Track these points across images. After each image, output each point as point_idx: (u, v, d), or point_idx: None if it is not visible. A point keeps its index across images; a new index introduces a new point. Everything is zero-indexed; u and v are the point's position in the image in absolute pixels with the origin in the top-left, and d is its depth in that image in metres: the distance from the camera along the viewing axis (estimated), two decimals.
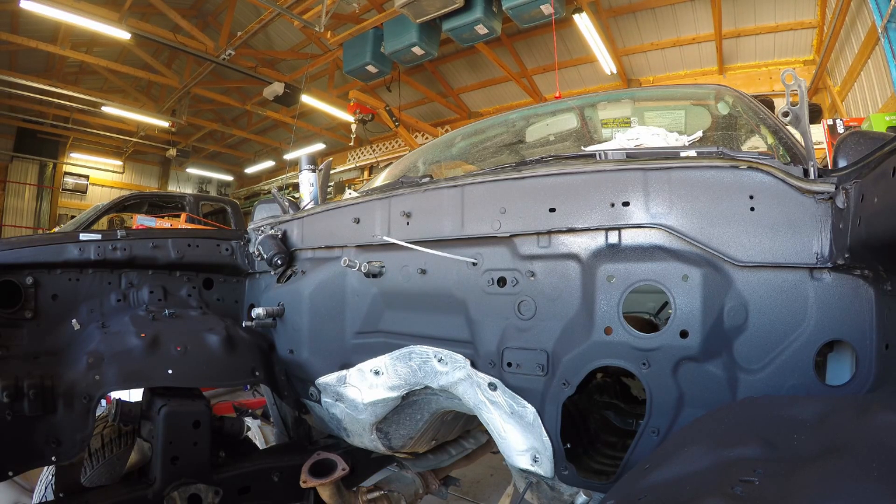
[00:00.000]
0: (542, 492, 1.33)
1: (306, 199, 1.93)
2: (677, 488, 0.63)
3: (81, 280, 1.54)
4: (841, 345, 1.02)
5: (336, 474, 1.56)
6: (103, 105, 10.52)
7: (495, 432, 1.31)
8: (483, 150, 2.42)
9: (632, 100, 2.53)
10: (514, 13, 5.76)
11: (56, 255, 1.49)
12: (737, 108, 1.95)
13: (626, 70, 8.40)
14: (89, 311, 1.54)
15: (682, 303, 1.03)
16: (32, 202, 13.98)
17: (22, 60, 9.76)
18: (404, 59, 6.94)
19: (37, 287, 1.45)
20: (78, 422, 1.32)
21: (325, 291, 1.59)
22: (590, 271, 1.13)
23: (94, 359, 1.39)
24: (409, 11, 5.83)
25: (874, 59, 5.07)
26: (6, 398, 1.22)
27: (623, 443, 1.70)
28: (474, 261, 1.29)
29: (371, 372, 1.49)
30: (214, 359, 1.57)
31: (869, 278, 0.92)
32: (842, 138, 1.17)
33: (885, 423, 0.59)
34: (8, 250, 1.42)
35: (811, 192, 0.96)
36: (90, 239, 1.53)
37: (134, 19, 7.68)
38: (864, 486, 0.48)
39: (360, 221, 1.50)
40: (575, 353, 1.15)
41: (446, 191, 1.35)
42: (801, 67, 7.18)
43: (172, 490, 1.40)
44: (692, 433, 0.83)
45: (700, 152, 1.19)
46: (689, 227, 1.04)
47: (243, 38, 7.88)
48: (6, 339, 1.37)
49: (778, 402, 0.84)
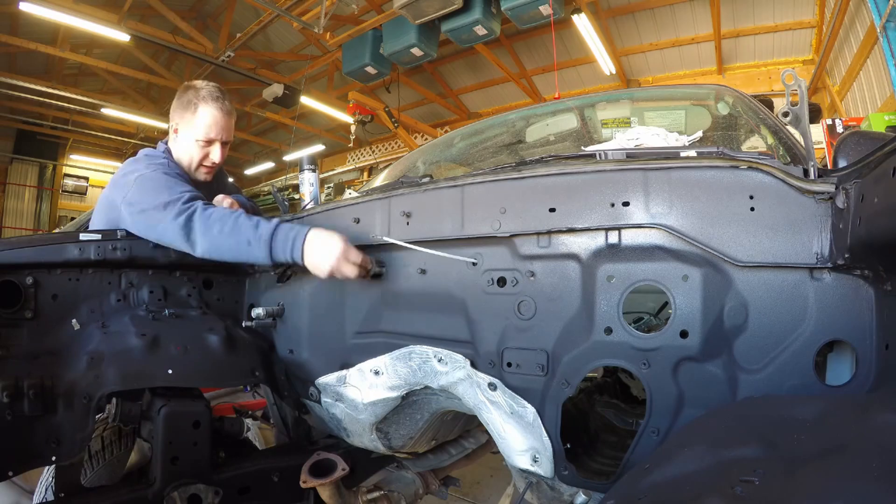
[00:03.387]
0: (541, 492, 1.33)
1: (307, 200, 1.94)
2: (677, 488, 0.63)
3: (81, 280, 1.54)
4: (841, 345, 1.02)
5: (336, 474, 1.56)
6: (103, 107, 10.53)
7: (495, 432, 1.31)
8: (483, 151, 2.42)
9: (631, 100, 2.53)
10: (512, 14, 5.77)
11: (56, 255, 1.48)
12: (737, 108, 1.95)
13: (625, 70, 8.41)
14: (89, 311, 1.53)
15: (682, 303, 1.03)
16: (32, 204, 13.98)
17: (21, 62, 9.76)
18: (403, 60, 6.94)
19: (37, 287, 1.45)
20: (78, 422, 1.31)
21: (324, 291, 1.59)
22: (590, 271, 1.14)
23: (94, 359, 1.39)
24: (408, 13, 5.83)
25: (873, 59, 5.07)
26: (6, 398, 1.22)
27: (623, 443, 1.70)
28: (474, 261, 1.29)
29: (371, 372, 1.49)
30: (214, 359, 1.57)
31: (869, 278, 0.92)
32: (842, 138, 1.17)
33: (885, 423, 0.59)
34: (8, 250, 1.42)
35: (811, 192, 0.96)
36: (90, 239, 1.53)
37: (133, 21, 7.68)
38: (864, 486, 0.48)
39: (359, 221, 1.50)
40: (575, 353, 1.15)
41: (446, 191, 1.35)
42: (800, 67, 7.19)
43: (172, 490, 1.40)
44: (692, 433, 0.83)
45: (700, 152, 1.19)
46: (690, 227, 1.04)
47: (242, 40, 7.89)
48: (6, 339, 1.36)
49: (778, 402, 0.84)
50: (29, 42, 8.32)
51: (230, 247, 1.47)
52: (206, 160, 1.84)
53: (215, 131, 1.79)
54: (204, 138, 1.78)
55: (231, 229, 1.46)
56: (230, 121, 1.84)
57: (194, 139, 1.78)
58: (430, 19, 5.92)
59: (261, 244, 1.43)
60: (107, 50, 9.63)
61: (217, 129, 1.79)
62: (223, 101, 1.79)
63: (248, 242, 1.44)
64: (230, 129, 1.84)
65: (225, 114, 1.80)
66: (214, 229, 1.46)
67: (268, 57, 9.58)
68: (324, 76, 9.93)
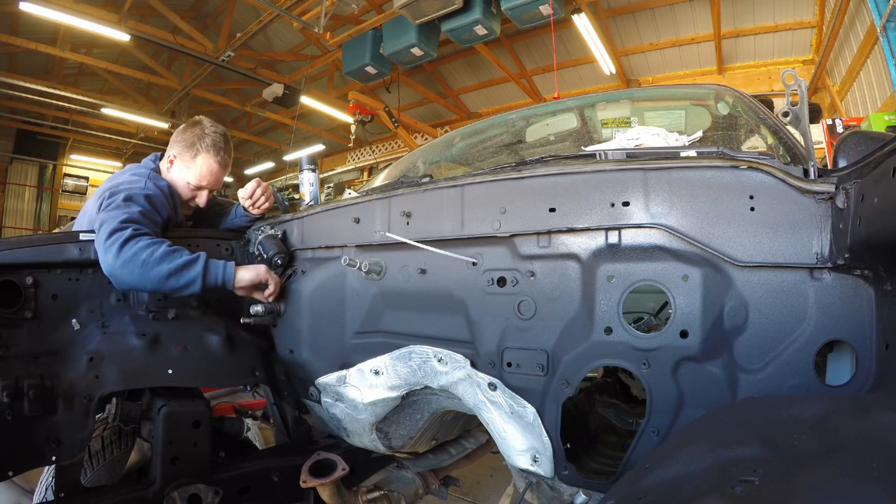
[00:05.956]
0: (541, 492, 1.33)
1: (307, 199, 1.94)
2: (677, 488, 0.63)
3: (81, 280, 1.54)
4: (841, 345, 1.02)
5: (336, 474, 1.56)
6: (103, 107, 10.52)
7: (495, 432, 1.31)
8: (483, 151, 2.42)
9: (631, 100, 2.53)
10: (512, 14, 5.77)
11: (56, 255, 1.48)
12: (737, 108, 1.95)
13: (625, 70, 8.41)
14: (89, 311, 1.53)
15: (682, 303, 1.03)
16: (32, 204, 13.97)
17: (21, 62, 9.75)
18: (403, 60, 6.94)
19: (37, 287, 1.45)
20: (78, 422, 1.31)
21: (324, 291, 1.59)
22: (590, 271, 1.14)
23: (94, 359, 1.39)
24: (408, 12, 5.83)
25: (873, 59, 5.07)
26: (6, 398, 1.22)
27: (623, 443, 1.70)
28: (474, 261, 1.29)
29: (371, 372, 1.49)
30: (214, 359, 1.57)
31: (869, 278, 0.92)
32: (842, 138, 1.17)
33: (885, 423, 0.59)
34: (8, 250, 1.42)
35: (811, 192, 0.96)
36: (90, 239, 1.53)
37: (133, 21, 7.67)
38: (864, 486, 0.48)
39: (360, 221, 1.50)
40: (575, 353, 1.15)
41: (446, 191, 1.35)
42: (800, 67, 7.19)
43: (172, 490, 1.40)
44: (692, 433, 0.83)
45: (700, 152, 1.19)
46: (689, 227, 1.04)
47: (242, 40, 7.88)
48: (6, 339, 1.37)
49: (778, 402, 0.84)
50: (29, 42, 8.32)
51: (156, 279, 1.47)
52: (190, 201, 1.90)
53: (208, 181, 1.85)
54: (195, 185, 1.85)
55: (160, 258, 1.47)
56: (225, 172, 1.91)
57: (186, 181, 1.84)
58: (430, 19, 5.92)
59: (193, 273, 1.50)
60: (107, 50, 9.63)
61: (210, 180, 1.86)
62: (224, 153, 1.85)
63: (180, 267, 1.48)
64: (222, 179, 1.92)
65: (222, 167, 1.87)
66: (142, 256, 1.45)
67: (268, 57, 9.58)
68: (324, 76, 9.93)
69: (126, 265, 1.44)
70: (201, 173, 1.83)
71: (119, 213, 1.53)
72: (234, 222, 1.95)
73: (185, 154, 1.82)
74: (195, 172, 1.82)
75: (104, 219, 1.52)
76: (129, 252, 1.44)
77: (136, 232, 1.49)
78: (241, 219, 1.94)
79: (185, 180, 1.84)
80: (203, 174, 1.83)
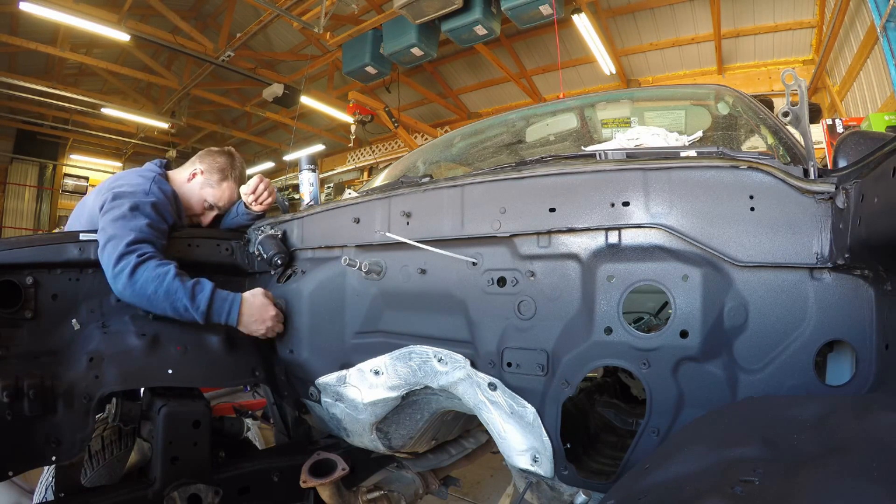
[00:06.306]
0: (541, 492, 1.33)
1: (307, 199, 1.94)
2: (677, 488, 0.63)
3: (81, 280, 1.54)
4: (841, 345, 1.02)
5: (336, 474, 1.56)
6: (103, 107, 10.53)
7: (495, 432, 1.31)
8: (483, 151, 2.42)
9: (631, 100, 2.53)
10: (513, 14, 5.77)
11: (56, 255, 1.48)
12: (737, 108, 1.95)
13: (625, 70, 8.41)
14: (89, 311, 1.53)
15: (682, 303, 1.03)
16: (32, 204, 13.98)
17: (21, 62, 9.76)
18: (403, 59, 6.94)
19: (37, 287, 1.45)
20: (78, 422, 1.32)
21: (324, 291, 1.59)
22: (590, 271, 1.14)
23: (94, 359, 1.39)
24: (408, 12, 5.83)
25: (873, 59, 5.08)
26: (6, 398, 1.22)
27: (623, 443, 1.70)
28: (474, 261, 1.29)
29: (371, 372, 1.49)
30: (214, 359, 1.57)
31: (869, 278, 0.92)
32: (842, 138, 1.17)
33: (885, 423, 0.59)
34: (8, 250, 1.42)
35: (811, 192, 0.96)
36: (90, 239, 1.53)
37: (133, 21, 7.68)
38: (864, 486, 0.48)
39: (360, 221, 1.50)
40: (575, 353, 1.15)
41: (446, 190, 1.35)
42: (800, 67, 7.19)
43: (172, 490, 1.40)
44: (692, 433, 0.83)
45: (700, 152, 1.19)
46: (690, 227, 1.04)
47: (242, 40, 7.88)
48: (6, 339, 1.36)
49: (778, 402, 0.84)
50: (29, 42, 8.33)
51: (163, 309, 1.51)
52: (195, 217, 1.97)
53: (223, 205, 1.98)
54: (212, 203, 1.95)
55: (166, 292, 1.48)
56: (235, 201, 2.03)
57: (203, 198, 1.93)
58: (430, 19, 5.92)
59: (197, 314, 1.51)
60: (107, 50, 9.64)
61: (225, 204, 1.99)
62: (241, 186, 1.98)
63: (186, 309, 1.50)
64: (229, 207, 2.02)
65: (237, 197, 2.00)
66: (150, 288, 1.48)
67: (268, 57, 9.58)
68: (324, 76, 9.93)
69: (134, 296, 1.49)
70: (223, 196, 1.96)
71: (125, 229, 1.53)
72: (235, 220, 1.96)
73: (212, 175, 1.93)
74: (217, 194, 1.94)
75: (111, 234, 1.52)
76: (136, 284, 1.48)
77: (143, 258, 1.51)
78: (242, 217, 1.94)
79: (203, 197, 1.93)
80: (224, 197, 1.96)
